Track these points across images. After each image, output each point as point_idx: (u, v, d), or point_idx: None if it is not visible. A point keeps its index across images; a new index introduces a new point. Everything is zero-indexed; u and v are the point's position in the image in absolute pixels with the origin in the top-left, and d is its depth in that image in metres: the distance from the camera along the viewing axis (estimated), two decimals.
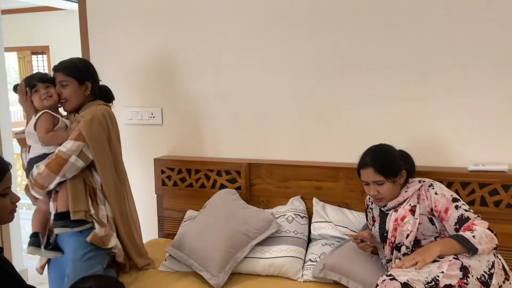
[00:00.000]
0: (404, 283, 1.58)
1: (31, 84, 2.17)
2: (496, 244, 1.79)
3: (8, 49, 4.43)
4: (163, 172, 2.86)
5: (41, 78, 2.18)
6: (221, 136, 2.82)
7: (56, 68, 2.20)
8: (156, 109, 2.93)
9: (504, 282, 1.72)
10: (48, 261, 2.30)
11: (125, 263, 2.35)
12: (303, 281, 2.26)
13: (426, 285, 1.59)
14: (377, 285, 1.66)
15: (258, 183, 2.68)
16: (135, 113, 2.97)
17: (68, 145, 2.09)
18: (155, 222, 2.92)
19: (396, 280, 1.61)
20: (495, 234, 1.81)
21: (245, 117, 2.75)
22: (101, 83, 2.33)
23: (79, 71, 2.20)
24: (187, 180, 2.81)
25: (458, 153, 2.38)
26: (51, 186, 2.10)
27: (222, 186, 2.73)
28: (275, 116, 2.69)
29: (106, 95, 2.34)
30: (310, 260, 2.32)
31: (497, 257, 1.79)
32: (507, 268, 1.79)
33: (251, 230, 2.36)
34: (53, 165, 2.07)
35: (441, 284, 1.62)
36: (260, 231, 2.37)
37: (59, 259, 2.22)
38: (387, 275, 1.65)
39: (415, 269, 1.69)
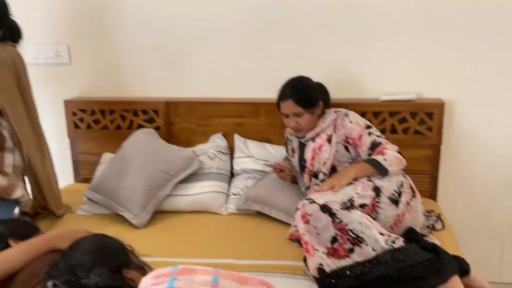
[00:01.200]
0: (323, 204, 1.66)
1: None
2: (405, 165, 1.92)
3: None
4: (74, 114, 2.69)
5: None
6: (137, 74, 2.68)
7: None
8: (62, 46, 2.70)
9: (411, 199, 1.86)
10: None
11: (36, 212, 2.23)
12: (227, 214, 2.30)
13: (342, 205, 1.68)
14: (298, 208, 1.72)
15: (178, 122, 2.62)
16: (38, 51, 2.72)
17: None
18: (70, 167, 2.78)
19: (315, 202, 1.67)
20: (403, 157, 1.94)
21: (160, 53, 2.63)
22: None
23: None
24: (101, 122, 2.68)
25: (370, 85, 2.47)
26: None
27: (139, 127, 2.64)
28: (193, 51, 2.59)
29: (14, 34, 2.11)
30: (233, 193, 2.35)
31: (406, 177, 1.93)
32: (414, 187, 1.93)
33: (173, 168, 2.33)
34: None
35: (356, 204, 1.72)
36: (182, 168, 2.35)
37: None
38: (306, 199, 1.72)
39: (332, 192, 1.77)
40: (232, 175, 2.50)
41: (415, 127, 2.38)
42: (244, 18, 2.51)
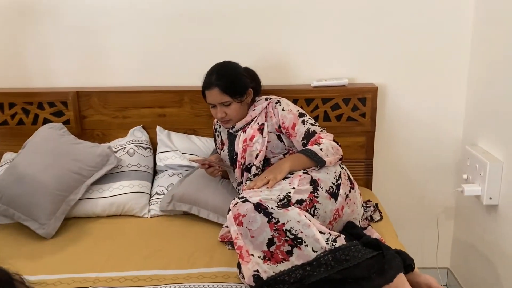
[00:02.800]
0: (257, 203, 1.48)
1: None
2: (341, 155, 1.80)
3: None
4: None
5: None
6: (40, 60, 2.33)
7: None
8: None
9: (349, 191, 1.74)
10: None
11: None
12: (150, 217, 2.06)
13: (279, 203, 1.52)
14: (230, 209, 1.53)
15: (91, 114, 2.32)
16: None
17: None
18: None
19: (249, 201, 1.50)
20: (340, 146, 1.81)
21: (68, 37, 2.30)
22: None
23: None
24: None
25: (302, 70, 2.32)
26: None
27: (46, 121, 2.31)
28: (106, 35, 2.30)
29: None
30: (156, 193, 2.12)
31: (343, 167, 1.80)
32: (351, 177, 1.82)
33: (85, 168, 2.04)
34: None
35: (293, 200, 1.56)
36: (96, 168, 2.07)
37: None
38: (239, 198, 1.53)
39: (267, 188, 1.60)
40: (155, 172, 2.26)
41: (349, 113, 2.27)
42: (164, 1, 2.26)
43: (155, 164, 2.27)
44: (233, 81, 1.87)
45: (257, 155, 1.85)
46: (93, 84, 2.35)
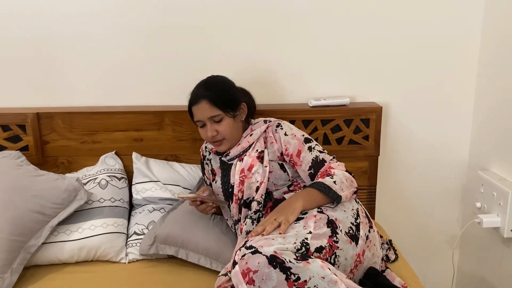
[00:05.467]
0: (271, 256, 1.20)
1: None
2: (356, 188, 1.55)
3: None
4: None
5: None
6: None
7: None
8: None
9: (369, 231, 1.49)
10: None
11: None
12: (128, 262, 1.74)
13: (297, 254, 1.25)
14: (235, 262, 1.25)
15: (54, 139, 1.98)
16: None
17: None
18: None
19: (260, 253, 1.22)
20: (353, 176, 1.57)
21: (27, 52, 1.96)
22: None
23: None
24: None
25: (297, 88, 2.08)
26: None
27: (0, 148, 1.95)
28: (70, 51, 1.97)
29: None
30: (135, 233, 1.79)
31: (358, 203, 1.56)
32: (367, 213, 1.58)
33: (48, 206, 1.70)
34: None
35: (312, 248, 1.29)
36: (62, 205, 1.73)
37: None
38: (246, 247, 1.25)
39: (279, 233, 1.32)
40: (131, 207, 1.94)
41: (350, 136, 2.04)
42: (135, 12, 1.95)
43: (130, 197, 1.95)
44: (223, 92, 1.61)
45: (258, 188, 1.58)
46: (56, 103, 2.02)
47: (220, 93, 1.60)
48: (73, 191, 1.76)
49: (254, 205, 1.57)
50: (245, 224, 1.56)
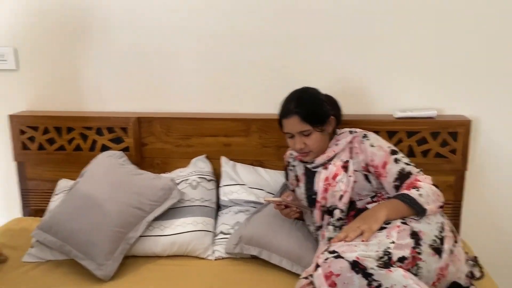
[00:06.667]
0: (354, 261, 1.25)
1: None
2: (443, 202, 1.54)
3: None
4: (23, 132, 2.18)
5: None
6: (101, 84, 2.21)
7: None
8: (8, 49, 2.20)
9: (454, 246, 1.48)
10: None
11: None
12: (215, 259, 1.86)
13: (379, 261, 1.28)
14: (318, 265, 1.30)
15: (151, 141, 2.16)
16: None
17: None
18: (17, 197, 2.26)
19: (342, 257, 1.26)
20: (440, 191, 1.56)
21: (133, 59, 2.17)
22: None
23: None
24: (57, 142, 2.19)
25: (383, 98, 2.09)
26: None
27: (104, 148, 2.17)
28: (173, 58, 2.14)
29: None
30: (221, 232, 1.91)
31: (444, 216, 1.55)
32: (454, 228, 1.56)
33: (146, 203, 1.87)
34: None
35: (394, 258, 1.32)
36: (158, 202, 1.89)
37: None
38: (329, 252, 1.31)
39: (362, 240, 1.36)
40: (218, 207, 2.07)
41: (437, 149, 2.01)
42: (231, 23, 2.08)
43: (218, 198, 2.08)
44: (314, 108, 1.67)
45: (341, 196, 1.62)
46: (155, 109, 2.20)
47: (311, 110, 1.66)
48: (168, 190, 1.92)
49: (337, 213, 1.62)
50: (327, 231, 1.61)
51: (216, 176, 2.12)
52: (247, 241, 1.79)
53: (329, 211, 1.65)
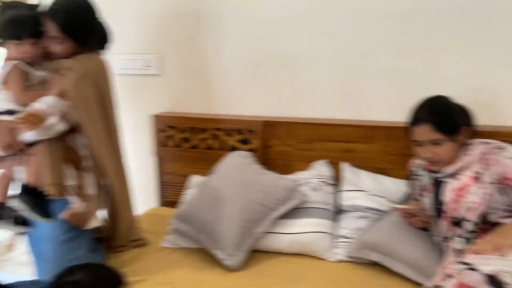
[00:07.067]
0: (489, 275, 1.21)
1: (15, 34, 1.71)
2: None
3: None
4: (162, 131, 2.44)
5: (32, 32, 1.71)
6: (232, 89, 2.39)
7: (49, 16, 1.71)
8: (153, 56, 2.47)
9: None
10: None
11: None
12: (335, 261, 1.90)
13: None
14: (449, 276, 1.29)
15: (276, 144, 2.28)
16: (128, 61, 2.51)
17: (48, 102, 1.69)
18: (153, 188, 2.53)
19: (477, 270, 1.24)
20: None
21: (260, 67, 2.31)
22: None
23: (79, 30, 1.75)
24: (191, 141, 2.40)
25: None
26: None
27: (233, 148, 2.33)
28: (297, 66, 2.25)
29: (101, 40, 1.89)
30: (342, 236, 1.95)
31: None
32: None
33: (271, 201, 1.98)
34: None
35: None
36: (282, 201, 1.99)
37: (38, 235, 1.84)
38: (463, 263, 1.28)
39: (498, 255, 1.32)
40: (337, 211, 2.11)
41: None
42: (360, 29, 2.12)
43: (338, 203, 2.12)
44: (447, 118, 1.64)
45: (473, 208, 1.57)
46: (280, 114, 2.32)
47: (443, 118, 1.63)
48: (291, 191, 2.01)
49: (468, 225, 1.57)
50: (455, 242, 1.58)
51: (336, 181, 2.17)
52: (370, 247, 1.81)
53: (457, 223, 1.60)
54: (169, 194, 2.48)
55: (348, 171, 2.13)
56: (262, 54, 2.29)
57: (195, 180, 2.34)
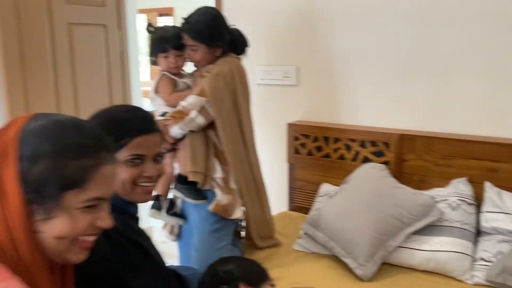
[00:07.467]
0: None
1: (162, 48, 2.00)
2: None
3: (139, 11, 4.37)
4: (296, 139, 2.55)
5: (175, 45, 1.98)
6: (367, 101, 2.41)
7: (184, 29, 1.97)
8: (291, 67, 2.60)
9: None
10: (180, 226, 2.16)
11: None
12: (473, 284, 1.82)
13: None
14: None
15: (411, 158, 2.25)
16: (267, 72, 2.67)
17: (190, 100, 1.92)
18: (285, 193, 2.65)
19: None
20: None
21: (397, 78, 2.31)
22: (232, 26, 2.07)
23: (209, 35, 1.94)
24: (323, 150, 2.47)
25: None
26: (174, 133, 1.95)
27: (365, 160, 2.35)
28: (439, 76, 2.20)
29: (238, 45, 2.07)
30: (482, 259, 1.86)
31: None
32: None
33: (406, 215, 1.96)
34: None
35: None
36: (417, 217, 1.96)
37: (188, 227, 2.07)
38: None
39: None
40: (478, 233, 2.01)
41: None
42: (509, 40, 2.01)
43: (478, 223, 2.02)
44: None
45: None
46: (418, 127, 2.28)
47: None
48: (428, 207, 1.97)
49: None
50: None
51: (477, 201, 2.07)
52: None
53: None
54: (299, 200, 2.58)
55: (491, 191, 2.03)
56: (400, 68, 2.28)
57: (326, 188, 2.40)
